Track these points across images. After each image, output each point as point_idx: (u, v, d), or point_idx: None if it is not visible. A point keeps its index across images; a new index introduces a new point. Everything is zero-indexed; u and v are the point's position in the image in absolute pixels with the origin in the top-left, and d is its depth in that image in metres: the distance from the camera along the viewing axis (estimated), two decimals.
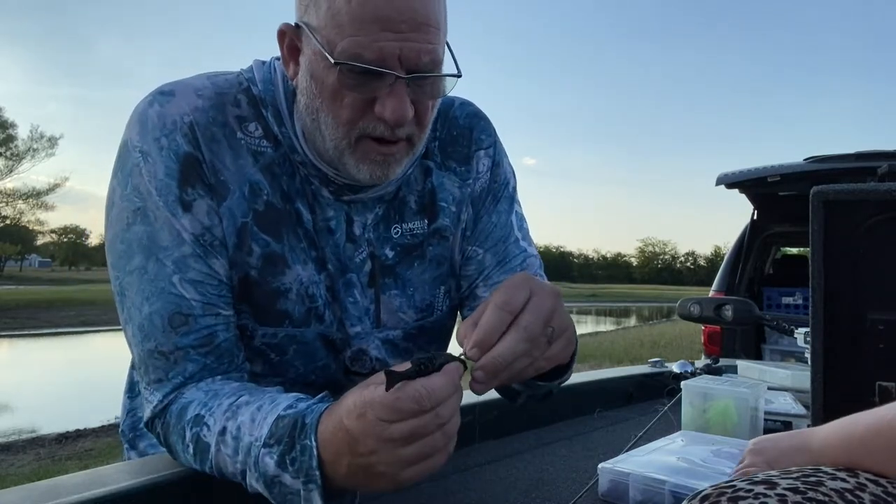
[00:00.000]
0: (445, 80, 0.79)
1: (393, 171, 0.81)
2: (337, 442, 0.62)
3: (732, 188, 4.21)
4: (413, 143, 0.82)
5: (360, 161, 0.79)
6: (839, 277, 0.91)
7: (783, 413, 1.20)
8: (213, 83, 0.83)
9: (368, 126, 0.77)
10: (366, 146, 0.78)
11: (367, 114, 0.76)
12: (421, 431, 0.60)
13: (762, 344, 4.58)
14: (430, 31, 0.74)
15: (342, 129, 0.77)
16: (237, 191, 0.81)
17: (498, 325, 0.65)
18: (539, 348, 0.67)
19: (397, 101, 0.74)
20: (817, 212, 0.91)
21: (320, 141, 0.80)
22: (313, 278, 0.85)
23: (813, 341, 0.93)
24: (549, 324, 0.68)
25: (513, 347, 0.65)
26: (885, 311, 0.88)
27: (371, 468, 0.61)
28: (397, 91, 0.74)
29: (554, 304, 0.69)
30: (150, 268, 0.77)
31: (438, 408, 0.60)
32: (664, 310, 38.05)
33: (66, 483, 0.70)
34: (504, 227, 0.98)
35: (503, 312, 0.65)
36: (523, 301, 0.66)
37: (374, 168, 0.79)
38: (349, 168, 0.80)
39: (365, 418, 0.60)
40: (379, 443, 0.60)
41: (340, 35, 0.72)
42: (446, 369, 0.62)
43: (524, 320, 0.66)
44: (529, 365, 0.68)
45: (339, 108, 0.76)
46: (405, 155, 0.82)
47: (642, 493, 0.80)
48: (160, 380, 0.77)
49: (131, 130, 0.80)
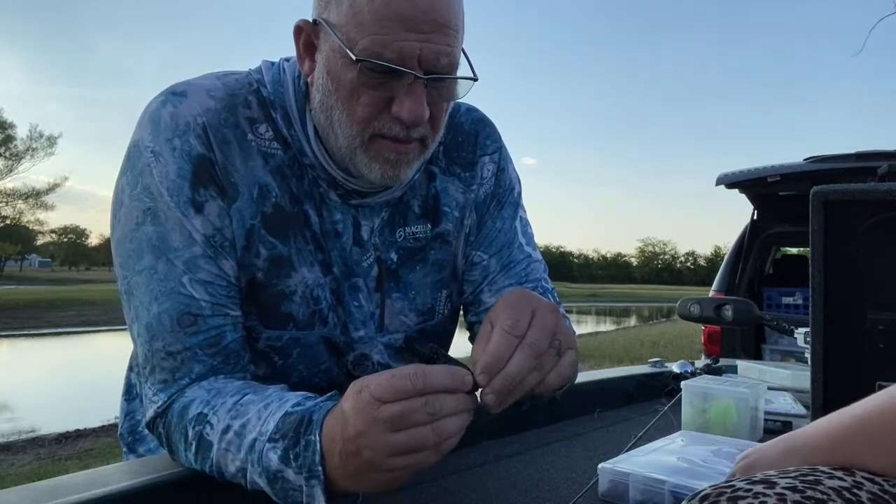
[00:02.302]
0: (461, 83, 0.79)
1: (404, 173, 0.81)
2: (332, 427, 0.63)
3: (732, 188, 4.21)
4: (426, 146, 0.82)
5: (373, 160, 0.79)
6: (839, 277, 0.91)
7: (783, 413, 1.20)
8: (224, 84, 0.83)
9: (384, 125, 0.77)
10: (380, 145, 0.78)
11: (384, 113, 0.76)
12: (409, 416, 0.60)
13: (762, 344, 4.58)
14: (450, 33, 0.75)
15: (356, 127, 0.77)
16: (246, 193, 0.81)
17: (506, 351, 0.66)
18: (548, 363, 0.69)
19: (415, 101, 0.75)
20: (817, 212, 0.91)
21: (333, 139, 0.80)
22: (318, 281, 0.85)
23: (813, 341, 0.93)
24: (555, 338, 0.69)
25: (520, 366, 0.66)
26: (885, 311, 0.88)
27: (359, 453, 0.61)
28: (415, 91, 0.75)
29: (556, 319, 0.70)
30: (159, 268, 0.77)
31: (430, 397, 0.61)
32: (664, 310, 38.03)
33: (66, 483, 0.70)
34: (508, 233, 0.98)
35: (510, 336, 0.67)
36: (528, 321, 0.68)
37: (385, 168, 0.79)
38: (361, 167, 0.80)
39: (360, 396, 0.62)
40: (367, 423, 0.60)
41: (361, 33, 0.72)
42: (452, 368, 0.63)
43: (531, 337, 0.67)
44: (541, 381, 0.69)
45: (356, 106, 0.76)
46: (417, 156, 0.82)
47: (642, 493, 0.80)
48: (166, 380, 0.77)
49: (143, 130, 0.80)
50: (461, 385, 0.63)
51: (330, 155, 0.83)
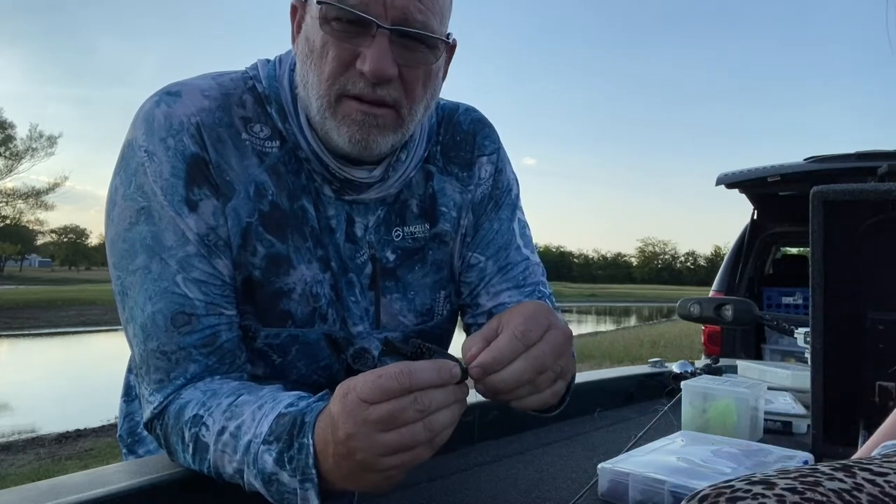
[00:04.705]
0: (434, 51, 0.78)
1: (374, 139, 0.78)
2: (323, 429, 0.63)
3: (732, 188, 4.21)
4: (400, 117, 0.79)
5: (341, 123, 0.77)
6: (839, 277, 0.91)
7: (783, 413, 1.20)
8: (219, 83, 0.83)
9: (348, 81, 0.76)
10: (346, 106, 0.77)
11: (350, 69, 0.76)
12: (399, 415, 0.60)
13: (762, 344, 4.58)
14: None
15: (324, 86, 0.77)
16: (242, 191, 0.81)
17: (509, 355, 0.66)
18: (544, 383, 0.69)
19: (378, 52, 0.73)
20: (817, 212, 0.91)
21: (309, 110, 0.80)
22: (318, 277, 0.85)
23: (813, 341, 0.93)
24: (559, 360, 0.69)
25: (518, 375, 0.66)
26: (885, 311, 0.88)
27: (352, 455, 0.61)
28: (380, 42, 0.74)
29: (567, 343, 0.70)
30: (153, 267, 0.77)
31: (418, 393, 0.61)
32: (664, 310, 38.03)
33: (66, 483, 0.70)
34: (506, 235, 0.98)
35: (519, 343, 0.66)
36: (540, 335, 0.67)
37: (353, 130, 0.77)
38: (331, 133, 0.79)
39: (347, 398, 0.61)
40: (357, 426, 0.60)
41: None
42: (439, 362, 0.63)
43: (538, 350, 0.67)
44: (533, 394, 0.69)
45: (324, 65, 0.76)
46: (391, 126, 0.79)
47: (642, 493, 0.80)
48: (161, 380, 0.77)
49: (136, 130, 0.80)
50: (449, 378, 0.63)
51: (322, 140, 0.82)
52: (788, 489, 0.31)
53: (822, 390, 0.93)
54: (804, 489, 0.31)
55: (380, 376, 0.61)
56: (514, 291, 0.95)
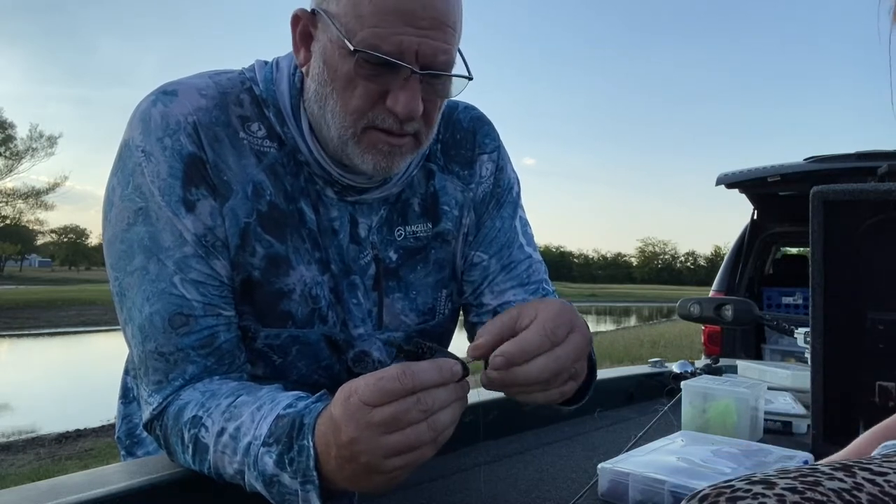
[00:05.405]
0: (455, 81, 0.80)
1: (396, 165, 0.81)
2: (324, 432, 0.63)
3: (732, 188, 4.21)
4: (420, 141, 0.82)
5: (366, 151, 0.79)
6: (839, 277, 0.91)
7: (783, 413, 1.20)
8: (216, 82, 0.83)
9: (377, 117, 0.77)
10: (373, 136, 0.78)
11: (378, 105, 0.77)
12: (403, 417, 0.60)
13: (762, 344, 4.58)
14: (448, 31, 0.76)
15: (350, 118, 0.78)
16: (240, 191, 0.80)
17: (534, 351, 0.66)
18: (559, 381, 0.69)
19: (410, 95, 0.75)
20: (817, 212, 0.91)
21: (325, 129, 0.80)
22: (317, 279, 0.85)
23: (813, 341, 0.93)
24: (577, 362, 0.70)
25: (538, 374, 0.66)
26: (885, 311, 0.88)
27: (356, 458, 0.61)
28: (411, 86, 0.75)
29: (587, 347, 0.71)
30: (151, 268, 0.77)
31: (421, 393, 0.61)
32: (664, 310, 38.03)
33: (66, 483, 0.70)
34: (508, 233, 0.98)
35: (546, 340, 0.66)
36: (565, 335, 0.68)
37: (378, 158, 0.79)
38: (353, 158, 0.80)
39: (349, 402, 0.61)
40: (360, 429, 0.60)
41: (360, 25, 0.73)
42: (439, 361, 0.63)
43: (561, 350, 0.67)
44: (543, 391, 0.69)
45: (350, 97, 0.77)
46: (410, 151, 0.82)
47: (642, 493, 0.80)
48: (160, 381, 0.77)
49: (133, 130, 0.80)
50: (450, 377, 0.63)
51: (323, 148, 0.83)
52: (788, 489, 0.31)
53: (822, 390, 0.93)
54: (804, 489, 0.31)
55: (381, 378, 0.60)
56: (519, 289, 0.96)
